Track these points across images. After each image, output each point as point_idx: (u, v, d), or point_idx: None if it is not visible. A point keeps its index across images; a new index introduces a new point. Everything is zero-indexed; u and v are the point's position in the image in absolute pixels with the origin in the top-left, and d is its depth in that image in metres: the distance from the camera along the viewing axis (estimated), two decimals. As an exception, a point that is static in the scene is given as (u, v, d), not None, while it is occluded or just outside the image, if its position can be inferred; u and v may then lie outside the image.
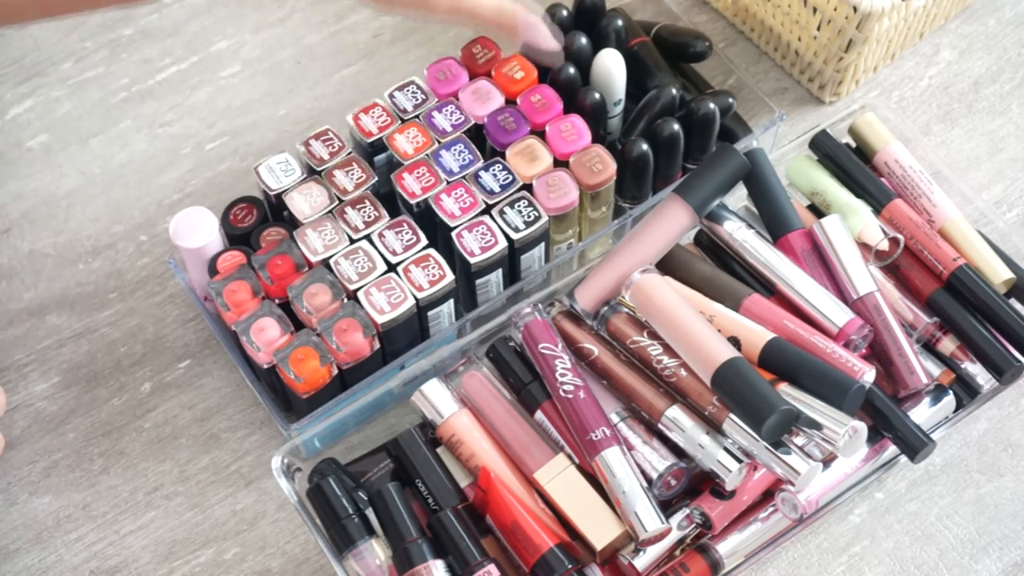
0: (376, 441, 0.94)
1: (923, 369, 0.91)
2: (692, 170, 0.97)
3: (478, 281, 0.96)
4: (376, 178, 0.97)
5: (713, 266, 0.96)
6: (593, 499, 0.86)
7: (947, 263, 0.95)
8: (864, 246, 0.95)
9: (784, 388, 0.85)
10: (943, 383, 0.94)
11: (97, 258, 1.07)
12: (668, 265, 0.95)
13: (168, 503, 0.96)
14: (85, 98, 1.15)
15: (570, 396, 0.88)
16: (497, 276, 0.96)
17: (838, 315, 0.90)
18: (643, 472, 0.86)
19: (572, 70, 1.00)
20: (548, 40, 0.95)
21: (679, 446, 0.87)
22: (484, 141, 0.99)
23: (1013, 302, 0.96)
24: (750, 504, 0.88)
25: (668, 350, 0.89)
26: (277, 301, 0.93)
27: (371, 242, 0.94)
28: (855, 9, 1.04)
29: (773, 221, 0.96)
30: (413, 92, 1.00)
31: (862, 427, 0.84)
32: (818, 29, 1.09)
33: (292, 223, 0.96)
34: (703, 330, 0.87)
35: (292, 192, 0.96)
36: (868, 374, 0.86)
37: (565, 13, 1.04)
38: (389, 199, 0.98)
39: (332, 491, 0.86)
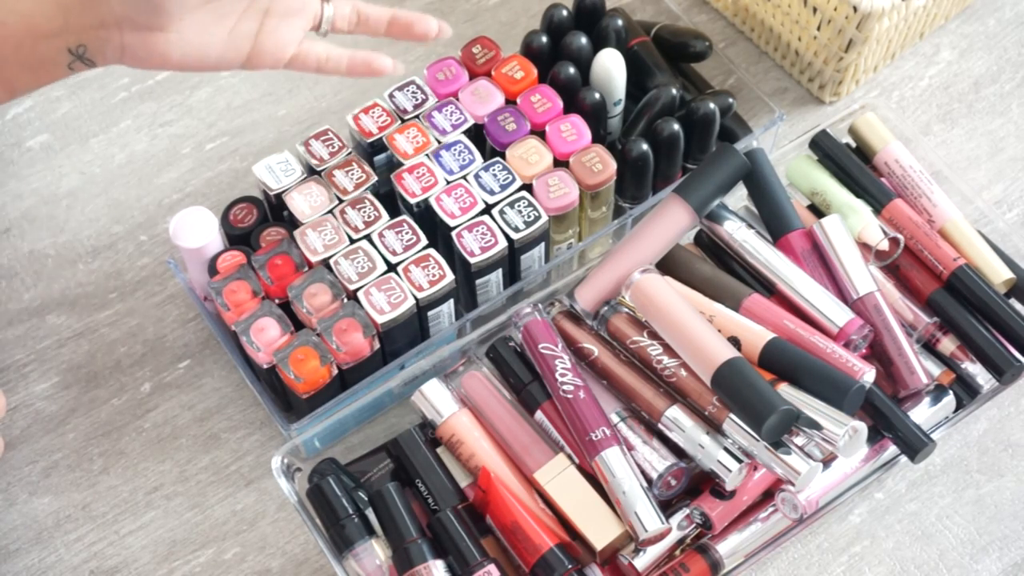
0: (376, 441, 0.94)
1: (923, 369, 0.91)
2: (692, 170, 0.97)
3: (478, 281, 0.96)
4: (376, 178, 0.97)
5: (713, 266, 0.96)
6: (593, 499, 0.86)
7: (947, 263, 0.95)
8: (864, 246, 0.95)
9: (784, 388, 0.85)
10: (943, 383, 0.94)
11: (97, 258, 1.07)
12: (668, 265, 0.95)
13: (168, 503, 0.96)
14: (85, 98, 1.15)
15: (570, 396, 0.88)
16: (497, 276, 0.96)
17: (838, 315, 0.90)
18: (643, 472, 0.86)
19: (572, 70, 1.00)
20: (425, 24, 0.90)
21: (679, 446, 0.87)
22: (484, 141, 0.99)
23: (1013, 302, 0.95)
24: (750, 504, 0.88)
25: (668, 350, 0.89)
26: (277, 301, 0.93)
27: (371, 242, 0.94)
28: (855, 9, 1.04)
29: (773, 221, 0.96)
30: (413, 92, 1.00)
31: (862, 427, 0.84)
32: (818, 29, 1.09)
33: (292, 223, 0.96)
34: (703, 330, 0.87)
35: (292, 192, 0.96)
36: (868, 374, 0.86)
37: (565, 13, 1.04)
38: (389, 199, 0.98)
39: (332, 491, 0.86)
